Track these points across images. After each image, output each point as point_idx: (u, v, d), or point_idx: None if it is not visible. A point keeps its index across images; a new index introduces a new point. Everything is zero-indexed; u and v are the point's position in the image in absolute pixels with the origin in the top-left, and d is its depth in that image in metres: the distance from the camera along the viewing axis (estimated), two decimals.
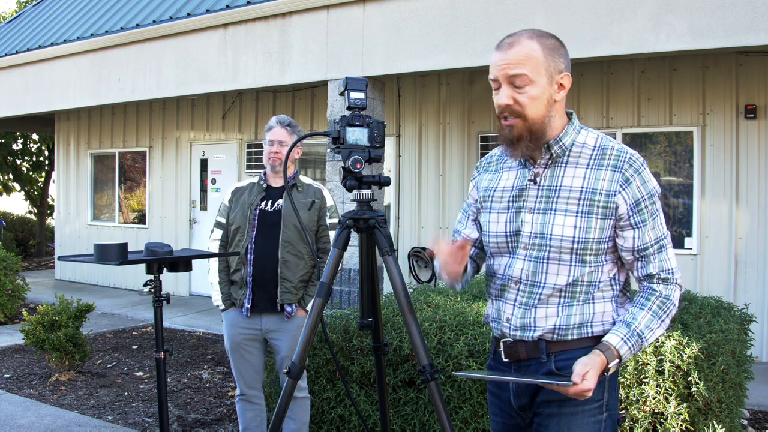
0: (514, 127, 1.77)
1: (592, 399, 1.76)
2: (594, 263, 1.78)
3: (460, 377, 1.95)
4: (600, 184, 1.75)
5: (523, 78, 1.73)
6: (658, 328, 1.76)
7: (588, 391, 1.67)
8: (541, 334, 1.82)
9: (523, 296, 1.84)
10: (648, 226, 1.76)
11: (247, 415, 3.45)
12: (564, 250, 1.78)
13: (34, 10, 12.12)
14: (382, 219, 2.31)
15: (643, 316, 1.75)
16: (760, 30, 4.77)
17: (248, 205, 3.38)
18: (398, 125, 8.22)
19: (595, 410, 1.80)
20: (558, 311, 1.80)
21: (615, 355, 1.71)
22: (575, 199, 1.77)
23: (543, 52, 1.74)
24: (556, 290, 1.80)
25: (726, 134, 6.40)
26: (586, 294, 1.80)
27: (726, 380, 3.36)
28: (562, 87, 1.78)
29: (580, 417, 1.80)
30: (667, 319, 1.77)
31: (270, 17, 7.13)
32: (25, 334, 5.39)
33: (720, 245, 6.41)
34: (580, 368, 1.68)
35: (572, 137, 1.82)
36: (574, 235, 1.76)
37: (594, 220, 1.75)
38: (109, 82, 8.87)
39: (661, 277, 1.78)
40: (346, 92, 2.30)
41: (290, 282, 3.35)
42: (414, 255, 7.94)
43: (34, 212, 17.16)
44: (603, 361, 1.70)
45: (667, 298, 1.77)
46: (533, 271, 1.82)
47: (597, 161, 1.78)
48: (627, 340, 1.73)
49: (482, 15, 5.86)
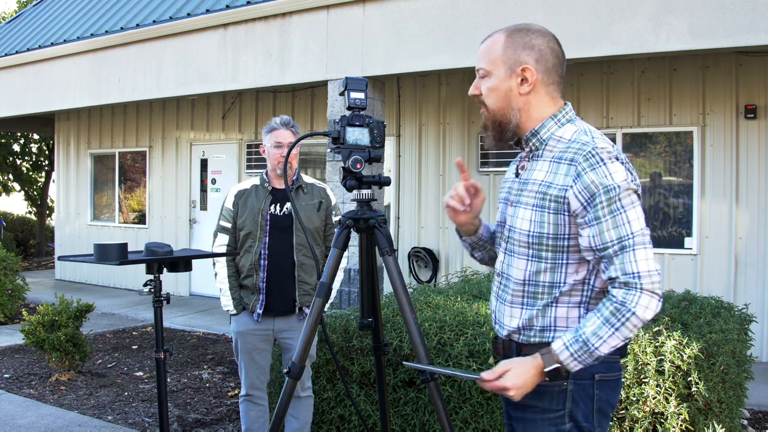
0: (483, 117, 1.86)
1: (553, 408, 1.75)
2: (551, 260, 1.75)
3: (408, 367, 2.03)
4: (556, 178, 1.72)
5: (481, 71, 1.82)
6: (609, 336, 1.61)
7: (505, 390, 1.65)
8: (509, 334, 1.83)
9: (500, 289, 1.88)
10: (605, 224, 1.64)
11: (251, 415, 3.44)
12: (522, 244, 1.78)
13: (34, 10, 12.12)
14: (382, 219, 2.31)
15: (593, 323, 1.63)
16: (760, 30, 4.77)
17: (258, 210, 3.33)
18: (398, 125, 8.22)
19: (556, 419, 1.76)
20: (521, 312, 1.80)
21: (553, 360, 1.65)
22: (533, 192, 1.76)
23: (503, 46, 1.78)
24: (518, 286, 1.80)
25: (726, 134, 6.40)
26: (549, 295, 1.76)
27: (726, 380, 3.36)
28: (525, 81, 1.77)
29: (541, 424, 1.78)
30: (622, 328, 1.61)
31: (270, 17, 7.13)
32: (25, 334, 5.39)
33: (720, 245, 6.41)
34: (500, 367, 1.68)
35: (552, 130, 1.79)
36: (530, 228, 1.76)
37: (546, 214, 1.73)
38: (109, 82, 8.87)
39: (621, 281, 1.62)
40: (346, 92, 2.30)
41: (308, 284, 3.34)
42: (414, 255, 7.94)
43: (34, 212, 17.15)
44: (538, 363, 1.66)
45: (622, 305, 1.61)
46: (506, 264, 1.85)
47: (560, 154, 1.74)
48: (569, 345, 1.64)
49: (482, 15, 5.86)
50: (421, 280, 7.91)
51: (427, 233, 8.00)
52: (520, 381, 1.65)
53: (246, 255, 3.35)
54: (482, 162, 7.67)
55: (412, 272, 7.94)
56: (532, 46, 1.77)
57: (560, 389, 1.74)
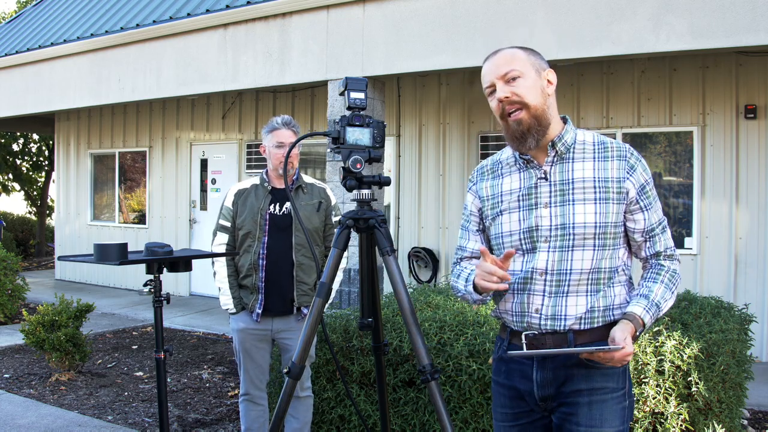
0: (521, 120, 1.91)
1: (617, 387, 1.93)
2: (612, 246, 1.92)
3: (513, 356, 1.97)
4: (609, 173, 1.92)
5: (513, 72, 1.91)
6: (670, 298, 1.94)
7: (630, 354, 1.82)
8: (572, 323, 1.92)
9: (552, 285, 1.92)
10: (654, 208, 1.96)
11: (251, 415, 3.43)
12: (587, 236, 1.90)
13: (34, 10, 12.12)
14: (382, 219, 2.31)
15: (658, 288, 1.93)
16: (760, 30, 4.77)
17: (257, 210, 3.32)
18: (398, 125, 8.22)
19: (620, 397, 1.93)
20: (587, 299, 1.92)
21: (640, 323, 1.87)
22: (591, 188, 1.91)
23: (525, 53, 1.95)
24: (583, 276, 1.91)
25: (726, 134, 6.40)
26: (608, 279, 1.93)
27: (726, 380, 3.36)
28: (550, 82, 1.95)
29: (610, 404, 1.92)
30: (676, 291, 1.97)
31: (270, 17, 7.13)
32: (25, 334, 5.39)
33: (720, 245, 6.41)
34: (620, 334, 1.83)
35: (572, 135, 1.98)
36: (596, 220, 1.90)
37: (611, 205, 1.91)
38: (109, 82, 8.87)
39: (668, 254, 1.98)
40: (346, 92, 2.30)
41: (307, 284, 3.34)
42: (414, 255, 7.94)
43: (34, 212, 17.15)
44: (632, 328, 1.86)
45: (675, 272, 1.97)
46: (559, 260, 1.92)
47: (601, 154, 1.95)
48: (648, 309, 1.89)
49: (482, 15, 5.85)
50: (421, 280, 7.91)
51: (427, 233, 8.00)
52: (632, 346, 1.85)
53: (245, 255, 3.34)
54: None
55: (412, 272, 7.94)
56: (543, 58, 1.99)
57: (623, 369, 1.94)
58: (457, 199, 7.79)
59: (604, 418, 1.91)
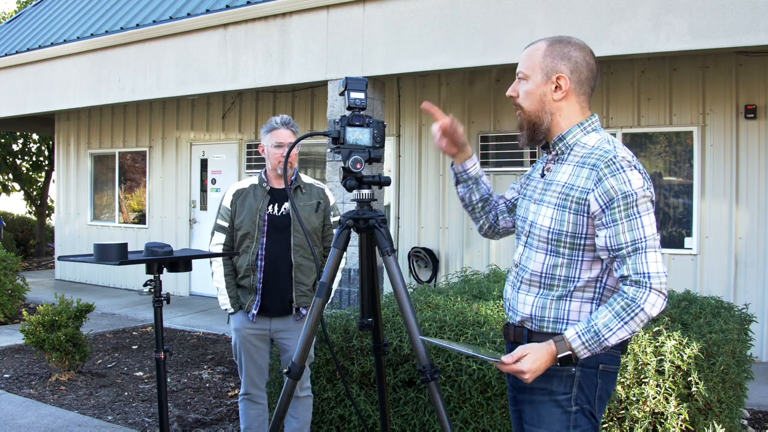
0: (519, 117, 2.01)
1: (561, 391, 1.89)
2: (568, 256, 1.88)
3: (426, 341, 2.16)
4: (578, 181, 1.86)
5: (520, 74, 1.98)
6: (619, 329, 1.75)
7: (521, 373, 1.76)
8: (522, 320, 1.96)
9: (516, 278, 2.02)
10: (621, 227, 1.78)
11: (250, 414, 3.43)
12: (541, 239, 1.92)
13: (34, 10, 12.12)
14: (382, 219, 2.31)
15: (604, 315, 1.76)
16: (760, 30, 4.77)
17: (256, 210, 3.31)
18: (398, 125, 8.22)
19: (563, 401, 1.90)
20: (534, 300, 1.93)
21: (566, 347, 1.77)
22: (556, 193, 1.91)
23: (543, 54, 1.93)
24: (534, 277, 1.94)
25: (726, 134, 6.40)
26: (563, 288, 1.89)
27: (726, 380, 3.36)
28: (559, 88, 1.92)
29: (549, 406, 1.91)
30: (631, 322, 1.74)
31: (270, 17, 7.13)
32: (25, 334, 5.39)
33: (720, 245, 6.41)
34: (519, 351, 1.79)
35: (577, 137, 1.94)
36: (550, 225, 1.90)
37: (567, 213, 1.87)
38: (109, 82, 8.87)
39: (633, 279, 1.76)
40: (346, 92, 2.30)
41: (305, 285, 3.33)
42: (414, 255, 7.94)
43: (34, 212, 17.15)
44: (551, 350, 1.78)
45: (633, 301, 1.74)
46: (525, 256, 1.99)
47: (583, 159, 1.89)
48: (582, 335, 1.76)
49: (482, 15, 5.85)
50: (421, 280, 7.91)
51: (427, 233, 7.99)
52: (535, 365, 1.77)
53: (243, 255, 3.33)
54: (482, 162, 7.66)
55: (412, 272, 7.94)
56: (569, 57, 1.92)
57: (568, 374, 1.88)
58: (457, 199, 7.77)
59: (542, 419, 1.92)
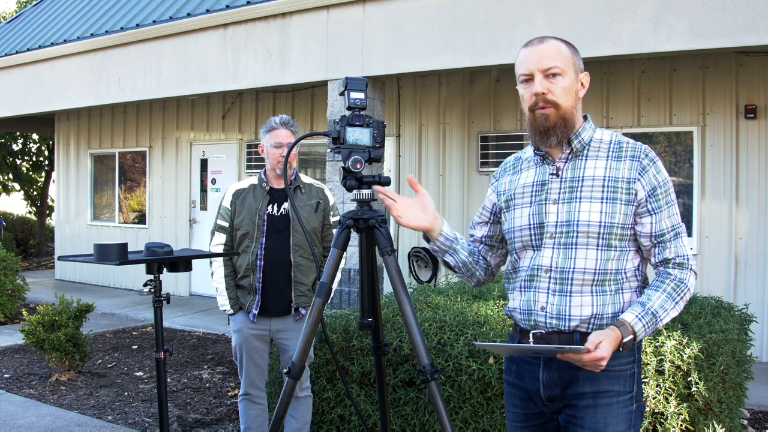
0: (549, 116, 1.90)
1: (624, 391, 1.88)
2: (619, 248, 1.89)
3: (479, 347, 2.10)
4: (621, 173, 1.89)
5: (556, 69, 1.89)
6: (672, 309, 1.83)
7: (601, 359, 1.72)
8: (578, 324, 1.88)
9: (556, 283, 1.91)
10: (664, 213, 1.88)
11: (250, 414, 3.43)
12: (591, 235, 1.88)
13: (34, 10, 12.12)
14: (382, 219, 2.31)
15: (658, 297, 1.83)
16: (760, 30, 4.77)
17: (255, 210, 3.31)
18: (398, 125, 8.22)
19: (626, 401, 1.89)
20: (592, 300, 1.89)
21: (629, 331, 1.78)
22: (599, 187, 1.89)
23: (569, 50, 1.94)
24: (587, 276, 1.88)
25: (726, 134, 6.40)
26: (615, 283, 1.89)
27: (726, 380, 3.36)
28: (583, 85, 1.96)
29: (615, 408, 1.88)
30: (681, 302, 1.85)
31: (270, 17, 7.13)
32: (25, 334, 5.39)
33: (720, 245, 6.41)
34: (594, 337, 1.76)
35: (590, 133, 1.97)
36: (601, 220, 1.87)
37: (618, 205, 1.87)
38: (109, 82, 8.87)
39: (677, 262, 1.86)
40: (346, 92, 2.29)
41: (305, 285, 3.34)
42: (414, 255, 7.94)
43: (33, 212, 17.15)
44: (617, 335, 1.77)
45: (681, 281, 1.85)
46: (563, 258, 1.90)
47: (615, 153, 1.92)
48: (641, 317, 1.80)
49: (482, 15, 5.85)
50: (421, 280, 7.91)
51: None
52: (610, 351, 1.75)
53: (243, 255, 3.34)
54: (482, 162, 7.67)
55: (412, 272, 7.94)
56: (579, 56, 1.97)
57: (631, 372, 1.89)
58: (457, 199, 7.79)
59: (608, 422, 1.87)
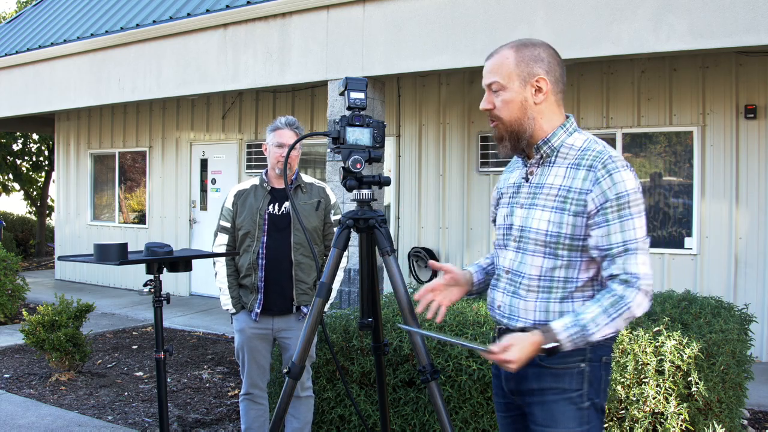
0: (497, 129, 1.96)
1: (572, 388, 1.88)
2: (567, 258, 1.88)
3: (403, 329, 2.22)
4: (576, 182, 1.86)
5: (495, 84, 1.92)
6: (606, 325, 1.76)
7: (508, 362, 1.74)
8: (523, 326, 1.91)
9: (510, 285, 1.98)
10: (613, 228, 1.80)
11: (251, 414, 3.44)
12: (538, 243, 1.90)
13: (34, 10, 12.12)
14: (382, 219, 2.31)
15: (593, 310, 1.77)
16: (760, 30, 4.77)
17: (256, 210, 3.34)
18: (398, 125, 8.22)
19: (576, 399, 1.89)
20: (536, 306, 1.91)
21: (553, 339, 1.76)
22: (553, 196, 1.88)
23: (515, 60, 1.90)
24: (532, 282, 1.91)
25: (726, 134, 6.40)
26: (564, 291, 1.89)
27: (726, 380, 3.36)
28: (539, 90, 1.90)
29: (562, 405, 1.89)
30: (619, 319, 1.77)
31: (270, 17, 7.13)
32: (25, 334, 5.39)
33: (720, 245, 6.41)
34: (506, 340, 1.77)
35: (562, 139, 1.93)
36: (547, 229, 1.88)
37: (566, 216, 1.86)
38: (109, 82, 8.87)
39: (622, 279, 1.78)
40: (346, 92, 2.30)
41: (306, 284, 3.35)
42: (414, 255, 7.94)
43: (33, 212, 17.15)
44: (537, 340, 1.76)
45: (621, 299, 1.77)
46: (518, 262, 1.95)
47: (577, 161, 1.88)
48: (569, 327, 1.76)
49: (482, 15, 5.85)
50: (421, 280, 7.91)
51: (427, 233, 7.99)
52: (521, 354, 1.75)
53: (244, 254, 3.36)
54: (482, 162, 7.67)
55: (412, 272, 7.94)
56: (541, 59, 1.91)
57: (578, 371, 1.88)
58: (457, 199, 7.79)
59: (556, 418, 1.89)
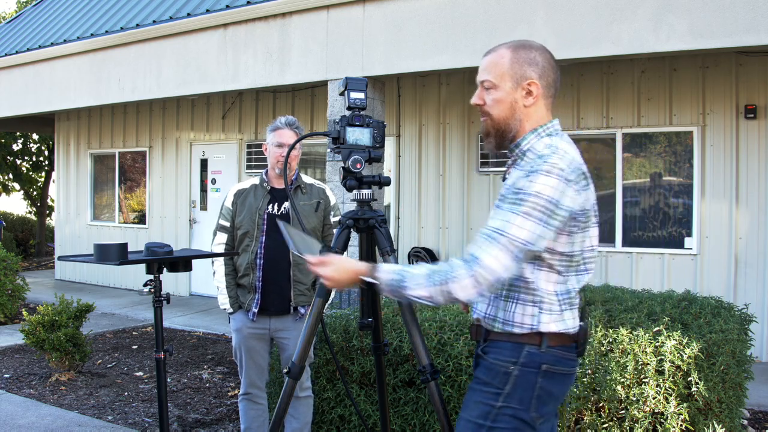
0: (485, 124, 2.00)
1: (490, 383, 1.89)
2: None
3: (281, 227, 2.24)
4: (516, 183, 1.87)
5: (487, 82, 1.95)
6: (423, 287, 1.76)
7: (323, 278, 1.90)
8: (478, 318, 1.99)
9: None
10: (495, 213, 1.81)
11: (250, 414, 3.44)
12: None
13: (34, 10, 12.12)
14: (382, 219, 2.31)
15: (419, 270, 1.79)
16: (760, 30, 4.77)
17: (256, 209, 3.34)
18: (398, 125, 8.22)
19: (489, 394, 1.89)
20: (488, 300, 1.95)
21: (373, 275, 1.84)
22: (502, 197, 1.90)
23: (510, 61, 1.92)
24: None
25: (726, 134, 6.40)
26: (508, 291, 1.90)
27: (726, 380, 3.36)
28: (530, 94, 1.91)
29: (476, 394, 1.93)
30: (436, 287, 1.75)
31: (270, 17, 7.13)
32: (25, 334, 5.39)
33: (720, 245, 6.41)
34: (329, 257, 1.92)
35: (531, 143, 1.92)
36: None
37: None
38: (109, 82, 8.87)
39: (465, 257, 1.76)
40: (346, 92, 2.30)
41: (304, 284, 3.35)
42: (414, 255, 7.94)
43: (33, 212, 17.15)
44: (360, 270, 1.88)
45: (450, 268, 1.75)
46: None
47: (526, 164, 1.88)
48: (392, 273, 1.82)
49: (482, 15, 5.85)
50: None
51: (427, 233, 7.99)
52: (336, 275, 1.89)
53: (243, 254, 3.36)
54: (482, 162, 7.67)
55: None
56: (536, 63, 1.92)
57: (505, 371, 1.87)
58: (457, 199, 7.79)
59: (467, 403, 1.96)
